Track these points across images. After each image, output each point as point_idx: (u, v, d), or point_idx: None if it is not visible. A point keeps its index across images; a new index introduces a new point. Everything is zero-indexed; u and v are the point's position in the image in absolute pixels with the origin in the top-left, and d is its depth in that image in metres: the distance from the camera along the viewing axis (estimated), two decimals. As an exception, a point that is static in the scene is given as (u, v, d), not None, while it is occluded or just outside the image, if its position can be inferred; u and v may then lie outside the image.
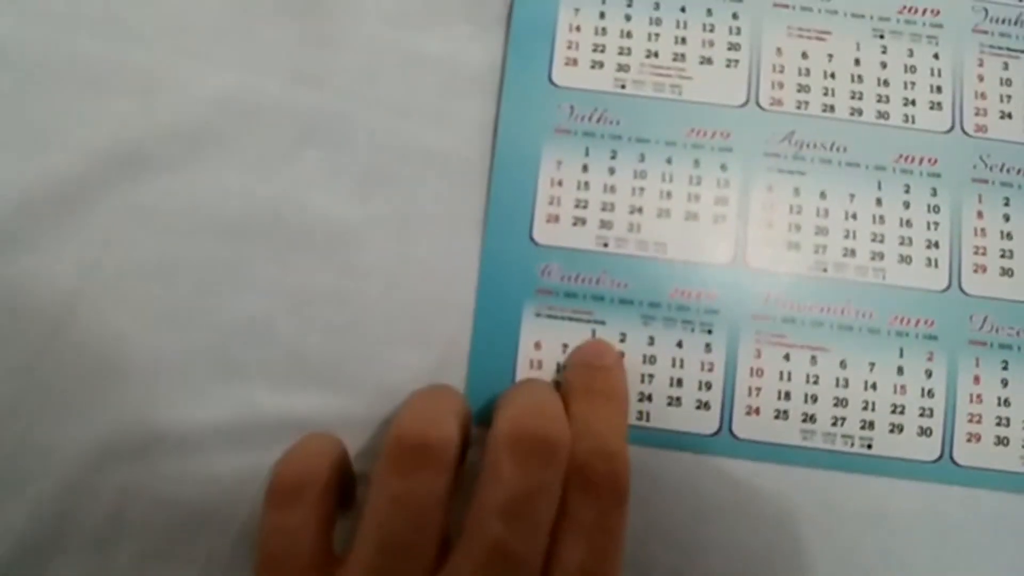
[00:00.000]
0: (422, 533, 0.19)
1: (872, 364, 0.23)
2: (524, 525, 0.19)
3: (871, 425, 0.23)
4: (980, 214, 0.24)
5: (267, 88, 0.24)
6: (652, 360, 0.23)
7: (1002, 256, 0.24)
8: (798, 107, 0.25)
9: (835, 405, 0.23)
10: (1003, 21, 0.25)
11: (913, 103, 0.25)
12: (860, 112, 0.25)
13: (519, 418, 0.20)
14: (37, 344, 0.23)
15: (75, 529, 0.22)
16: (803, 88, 0.25)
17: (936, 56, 0.25)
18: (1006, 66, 0.25)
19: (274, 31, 0.25)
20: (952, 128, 0.25)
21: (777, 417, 0.23)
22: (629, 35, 0.25)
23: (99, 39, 0.24)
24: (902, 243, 0.24)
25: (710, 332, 0.23)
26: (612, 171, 0.24)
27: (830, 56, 0.25)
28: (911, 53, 0.25)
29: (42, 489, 0.22)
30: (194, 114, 0.24)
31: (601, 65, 0.25)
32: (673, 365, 0.23)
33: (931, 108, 0.25)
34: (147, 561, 0.22)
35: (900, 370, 0.23)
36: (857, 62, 0.25)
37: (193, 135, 0.24)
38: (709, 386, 0.23)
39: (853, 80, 0.25)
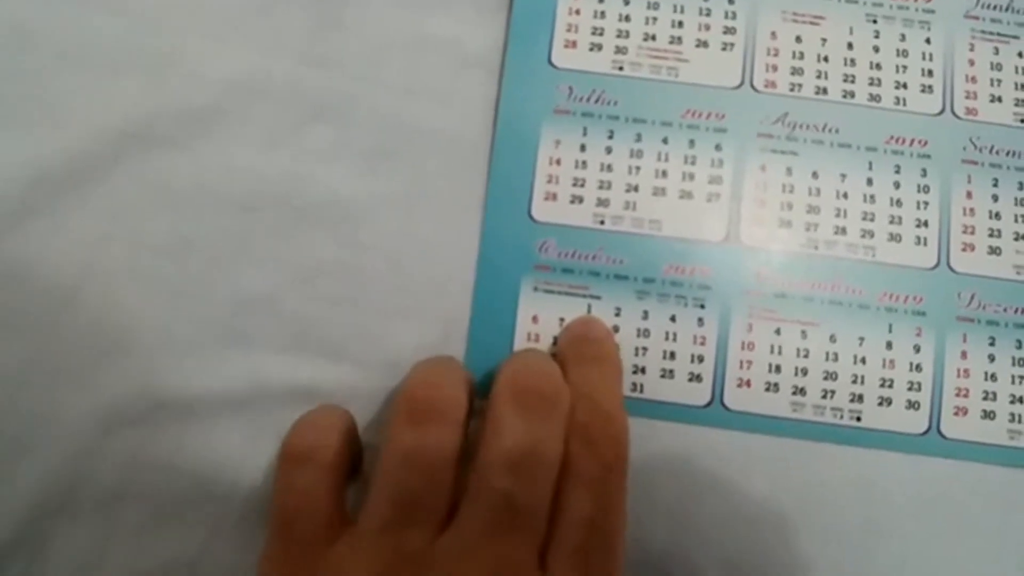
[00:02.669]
0: (434, 487, 0.20)
1: (861, 339, 0.24)
2: (529, 476, 0.19)
3: (860, 398, 0.24)
4: (969, 194, 0.25)
5: (276, 68, 0.25)
6: (646, 334, 0.24)
7: (990, 235, 0.24)
8: (791, 89, 0.25)
9: (825, 378, 0.24)
10: (994, 7, 0.26)
11: (905, 86, 0.25)
12: (852, 95, 0.25)
13: (518, 374, 0.21)
14: (49, 314, 0.23)
15: (84, 493, 0.23)
16: (797, 71, 0.25)
17: (928, 41, 0.26)
18: (997, 51, 0.26)
19: (283, 12, 0.25)
20: (943, 111, 0.25)
21: (768, 390, 0.24)
22: (627, 19, 0.26)
23: (113, 19, 0.25)
24: (892, 222, 0.25)
25: (703, 307, 0.24)
26: (609, 151, 0.25)
27: (823, 40, 0.25)
28: (903, 38, 0.26)
29: (53, 454, 0.23)
30: (204, 93, 0.25)
31: (600, 48, 0.25)
32: (667, 339, 0.24)
33: (922, 91, 0.25)
34: (154, 524, 0.23)
35: (889, 345, 0.24)
36: (850, 46, 0.26)
37: (203, 114, 0.25)
38: (701, 359, 0.24)
39: (846, 63, 0.25)
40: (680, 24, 0.25)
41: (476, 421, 0.21)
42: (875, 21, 0.26)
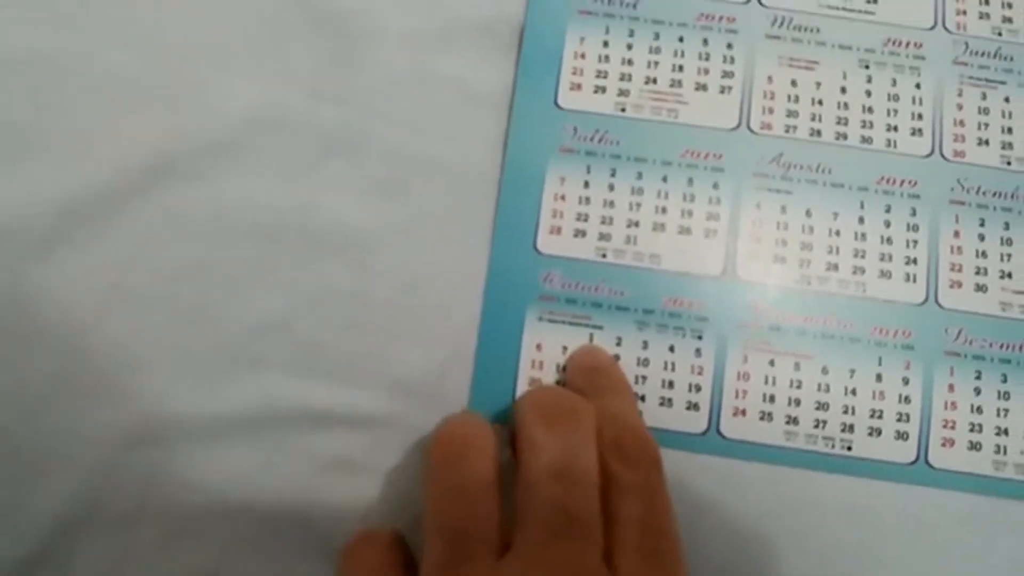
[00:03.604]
0: (482, 514, 0.20)
1: (852, 371, 0.25)
2: (574, 481, 0.20)
3: (851, 428, 0.25)
4: (957, 233, 0.26)
5: (291, 103, 0.26)
6: (646, 363, 0.25)
7: (977, 273, 0.25)
8: (787, 131, 0.26)
9: (817, 409, 0.25)
10: (982, 54, 0.27)
11: (895, 129, 0.26)
12: (845, 137, 0.26)
13: (539, 397, 0.22)
14: (74, 338, 0.24)
15: (106, 509, 0.24)
16: (792, 113, 0.26)
17: (918, 86, 0.27)
18: (984, 96, 0.27)
19: (300, 50, 0.27)
20: (932, 153, 0.26)
21: (762, 419, 0.25)
22: (630, 62, 0.27)
23: (136, 55, 0.26)
24: (882, 259, 0.25)
25: (700, 338, 0.25)
26: (611, 187, 0.26)
27: (818, 84, 0.27)
28: (894, 83, 0.27)
29: (75, 471, 0.24)
30: (223, 127, 0.26)
31: (603, 90, 0.27)
32: (665, 368, 0.25)
33: (912, 134, 0.26)
34: (171, 540, 0.24)
35: (879, 377, 0.25)
36: (843, 90, 0.27)
37: (221, 147, 0.26)
38: (699, 388, 0.25)
39: (839, 107, 0.27)
40: (680, 68, 0.27)
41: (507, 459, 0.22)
42: (867, 67, 0.27)
